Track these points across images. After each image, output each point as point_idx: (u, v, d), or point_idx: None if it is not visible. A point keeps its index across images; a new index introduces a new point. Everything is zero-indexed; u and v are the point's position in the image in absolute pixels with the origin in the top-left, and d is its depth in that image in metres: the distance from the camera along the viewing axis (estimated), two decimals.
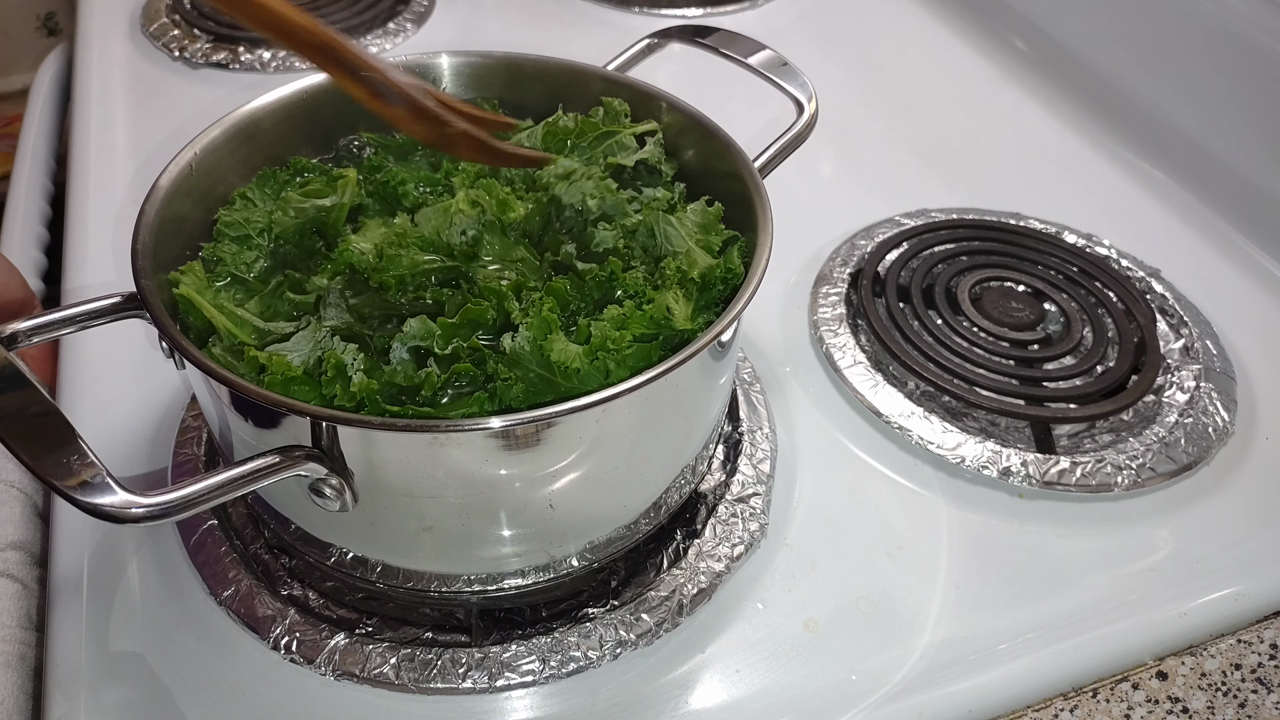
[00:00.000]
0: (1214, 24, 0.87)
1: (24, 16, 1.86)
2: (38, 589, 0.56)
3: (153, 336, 0.45)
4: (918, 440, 0.63)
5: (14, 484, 0.60)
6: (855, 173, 0.91)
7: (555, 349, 0.44)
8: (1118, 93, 0.97)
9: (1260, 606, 0.57)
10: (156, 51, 1.02)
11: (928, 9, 1.17)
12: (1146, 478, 0.62)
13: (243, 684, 0.51)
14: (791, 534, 0.59)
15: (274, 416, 0.43)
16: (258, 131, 0.57)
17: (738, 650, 0.53)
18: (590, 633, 0.52)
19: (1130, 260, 0.80)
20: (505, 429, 0.41)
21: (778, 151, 0.59)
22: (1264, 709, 0.52)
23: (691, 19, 1.13)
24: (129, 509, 0.37)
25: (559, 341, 0.45)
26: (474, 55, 0.63)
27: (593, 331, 0.45)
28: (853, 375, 0.68)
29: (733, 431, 0.64)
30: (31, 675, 0.52)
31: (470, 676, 0.50)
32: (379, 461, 0.43)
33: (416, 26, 1.08)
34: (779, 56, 0.64)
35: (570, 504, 0.47)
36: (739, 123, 0.59)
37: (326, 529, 0.49)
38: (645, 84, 0.61)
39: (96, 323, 0.47)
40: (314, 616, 0.52)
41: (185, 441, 0.61)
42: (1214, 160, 0.88)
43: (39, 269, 0.87)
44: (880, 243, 0.78)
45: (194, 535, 0.56)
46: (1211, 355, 0.71)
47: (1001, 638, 0.54)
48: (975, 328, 0.71)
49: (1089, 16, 1.01)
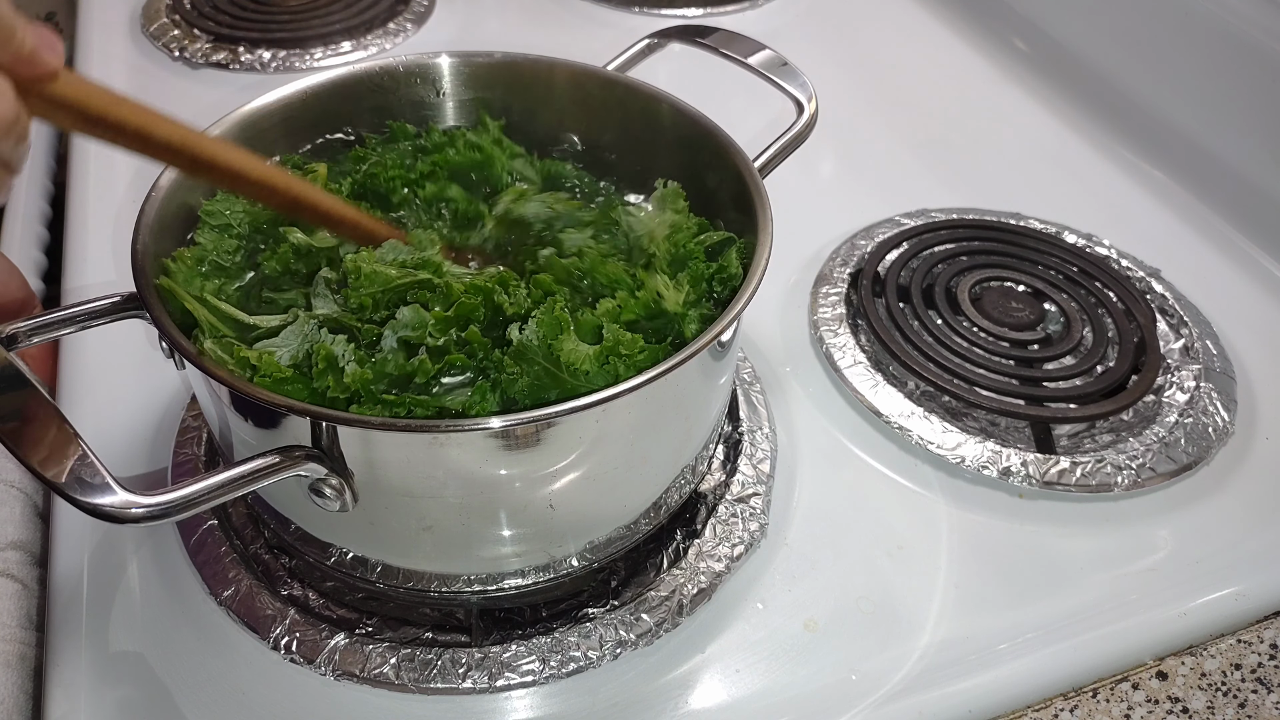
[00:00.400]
0: (1214, 24, 0.87)
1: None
2: (38, 589, 0.56)
3: (153, 336, 0.45)
4: (918, 440, 0.63)
5: (14, 484, 0.60)
6: (855, 173, 0.91)
7: (565, 349, 0.44)
8: (1118, 93, 0.97)
9: (1260, 606, 0.57)
10: (156, 51, 1.02)
11: (928, 9, 1.17)
12: (1146, 478, 0.62)
13: (243, 684, 0.51)
14: (791, 534, 0.59)
15: (274, 416, 0.43)
16: (258, 131, 0.57)
17: (738, 650, 0.53)
18: (590, 633, 0.52)
19: (1130, 260, 0.80)
20: (505, 429, 0.41)
21: (778, 151, 0.59)
22: (1264, 709, 0.52)
23: (691, 19, 1.13)
24: (129, 509, 0.37)
25: (569, 341, 0.45)
26: (474, 55, 0.63)
27: (604, 334, 0.46)
28: (853, 375, 0.68)
29: (733, 431, 0.64)
30: (31, 675, 0.52)
31: (470, 676, 0.50)
32: (379, 461, 0.43)
33: (416, 26, 1.08)
34: (779, 56, 0.64)
35: (570, 504, 0.47)
36: (739, 123, 0.59)
37: (326, 529, 0.49)
38: (645, 84, 0.61)
39: (96, 323, 0.47)
40: (314, 616, 0.52)
41: (185, 441, 0.61)
42: (1214, 160, 0.88)
43: (39, 269, 0.87)
44: (880, 243, 0.78)
45: (194, 535, 0.56)
46: (1211, 355, 0.71)
47: (1001, 638, 0.54)
48: (975, 328, 0.71)
49: (1089, 16, 1.01)
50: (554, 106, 0.63)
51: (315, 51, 1.01)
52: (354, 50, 1.03)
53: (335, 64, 1.00)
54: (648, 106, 0.60)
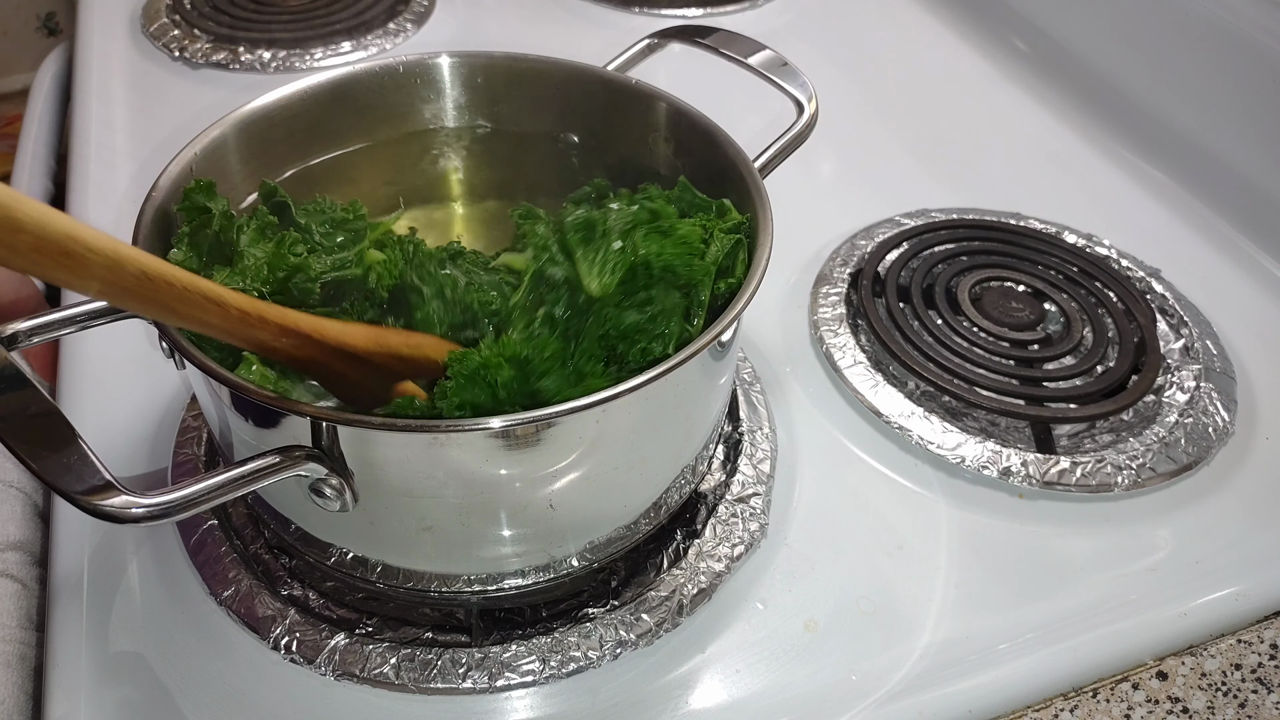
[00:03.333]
0: (1214, 24, 0.87)
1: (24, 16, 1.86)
2: (38, 589, 0.56)
3: (153, 336, 0.46)
4: (918, 440, 0.63)
5: (14, 484, 0.60)
6: (855, 173, 0.91)
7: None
8: (1118, 93, 0.97)
9: (1260, 606, 0.57)
10: (156, 51, 1.02)
11: (928, 9, 1.17)
12: (1146, 478, 0.62)
13: (243, 684, 0.51)
14: (791, 534, 0.59)
15: (274, 416, 0.43)
16: (258, 132, 0.57)
17: (738, 650, 0.53)
18: (590, 633, 0.52)
19: (1130, 260, 0.80)
20: (505, 429, 0.41)
21: (778, 151, 0.59)
22: (1264, 709, 0.52)
23: (691, 19, 1.13)
24: (129, 509, 0.37)
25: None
26: (474, 55, 0.63)
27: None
28: (853, 375, 0.68)
29: (733, 431, 0.64)
30: (31, 675, 0.52)
31: (470, 676, 0.50)
32: (379, 461, 0.43)
33: (416, 26, 1.08)
34: (779, 56, 0.64)
35: (570, 504, 0.47)
36: (739, 123, 0.59)
37: (326, 529, 0.49)
38: (645, 84, 0.61)
39: (96, 323, 0.47)
40: (314, 616, 0.53)
41: (185, 441, 0.61)
42: (1214, 160, 0.88)
43: None
44: (880, 243, 0.78)
45: (194, 535, 0.56)
46: (1211, 355, 0.71)
47: (1001, 638, 0.54)
48: (975, 328, 0.71)
49: (1089, 16, 1.01)
50: (554, 107, 0.63)
51: (315, 51, 1.01)
52: (354, 50, 1.03)
53: (335, 64, 1.00)
54: (647, 106, 0.60)
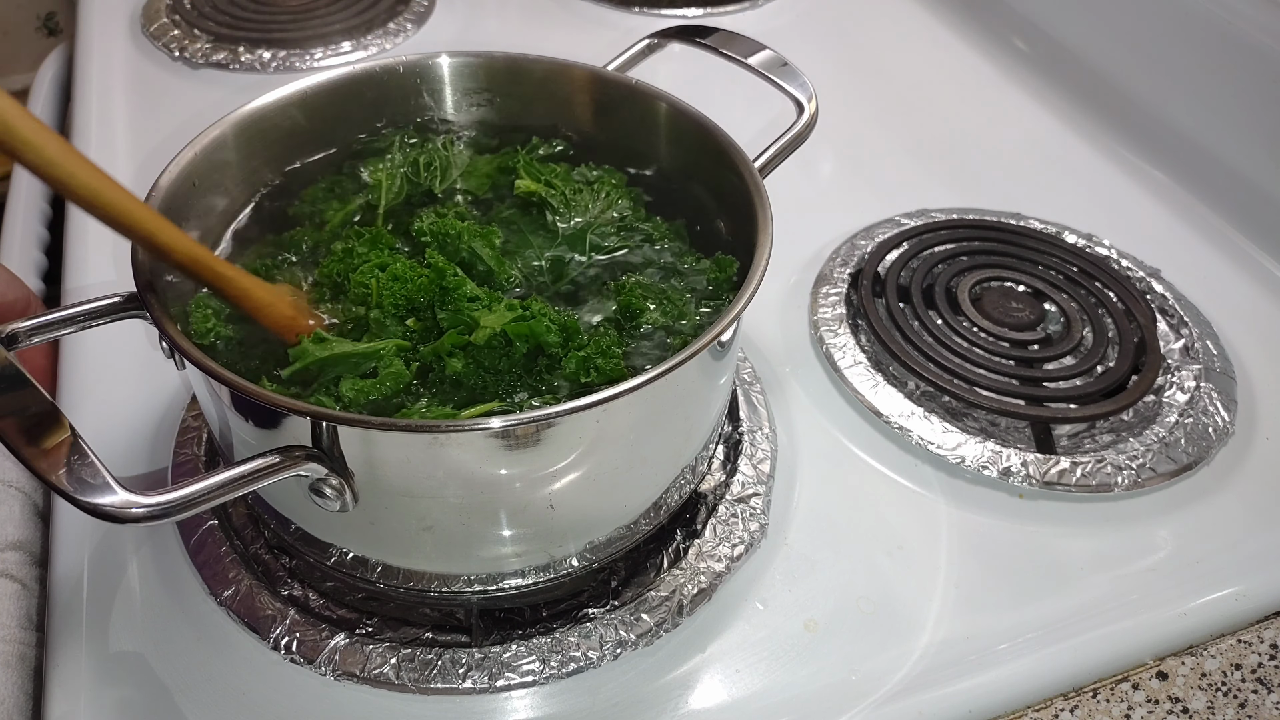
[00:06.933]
0: (1214, 24, 0.87)
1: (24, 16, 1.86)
2: (38, 589, 0.56)
3: (153, 336, 0.46)
4: (918, 440, 0.63)
5: (14, 484, 0.60)
6: (855, 173, 0.91)
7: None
8: (1118, 93, 0.97)
9: (1260, 606, 0.57)
10: (156, 51, 1.02)
11: (928, 9, 1.17)
12: (1146, 478, 0.62)
13: (243, 684, 0.51)
14: (791, 534, 0.59)
15: (274, 416, 0.43)
16: (257, 131, 0.57)
17: (738, 650, 0.53)
18: (590, 633, 0.52)
19: (1130, 260, 0.80)
20: (505, 429, 0.41)
21: (778, 151, 0.59)
22: (1264, 709, 0.52)
23: (691, 19, 1.13)
24: (129, 509, 0.37)
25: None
26: (474, 55, 0.63)
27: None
28: (853, 375, 0.68)
29: (733, 431, 0.64)
30: (31, 675, 0.52)
31: (470, 676, 0.50)
32: (379, 461, 0.43)
33: (416, 26, 1.08)
34: (779, 56, 0.64)
35: (570, 504, 0.47)
36: (739, 123, 0.59)
37: (326, 529, 0.49)
38: (645, 84, 0.61)
39: (96, 323, 0.47)
40: (314, 616, 0.52)
41: (185, 441, 0.61)
42: (1214, 160, 0.88)
43: (39, 269, 0.87)
44: (880, 243, 0.78)
45: (194, 535, 0.56)
46: (1211, 355, 0.71)
47: (1001, 638, 0.54)
48: (975, 328, 0.71)
49: (1089, 16, 1.01)
50: (554, 107, 0.63)
51: (315, 51, 1.01)
52: (354, 50, 1.03)
53: (335, 64, 1.00)
54: (647, 106, 0.60)
